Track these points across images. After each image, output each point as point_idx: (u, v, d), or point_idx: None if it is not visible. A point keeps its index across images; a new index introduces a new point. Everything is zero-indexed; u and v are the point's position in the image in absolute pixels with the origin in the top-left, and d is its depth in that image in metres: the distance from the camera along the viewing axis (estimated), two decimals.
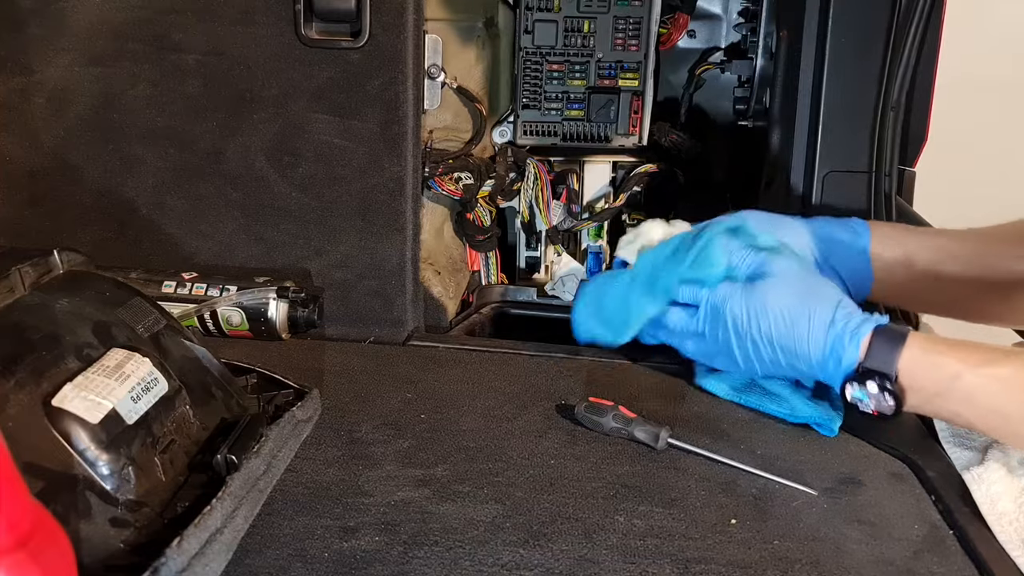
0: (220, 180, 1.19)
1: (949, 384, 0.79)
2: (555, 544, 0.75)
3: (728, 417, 0.97)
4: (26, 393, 0.68)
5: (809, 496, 0.84)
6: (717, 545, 0.76)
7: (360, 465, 0.85)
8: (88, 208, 1.20)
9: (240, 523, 0.72)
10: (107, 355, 0.75)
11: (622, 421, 0.91)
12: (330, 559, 0.72)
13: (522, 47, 1.32)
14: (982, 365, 0.78)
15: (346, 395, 0.98)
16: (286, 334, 1.10)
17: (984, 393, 0.78)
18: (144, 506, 0.70)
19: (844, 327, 0.83)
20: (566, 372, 1.06)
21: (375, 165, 1.17)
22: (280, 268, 1.17)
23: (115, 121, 1.19)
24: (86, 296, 0.81)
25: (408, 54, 1.15)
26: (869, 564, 0.75)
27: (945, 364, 0.79)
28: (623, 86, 1.34)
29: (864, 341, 0.82)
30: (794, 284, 0.86)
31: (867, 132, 1.19)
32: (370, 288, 1.18)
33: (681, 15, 1.41)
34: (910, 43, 1.15)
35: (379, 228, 1.17)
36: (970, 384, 0.78)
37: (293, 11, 1.14)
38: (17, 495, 0.50)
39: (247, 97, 1.17)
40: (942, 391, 0.80)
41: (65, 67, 1.18)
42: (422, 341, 1.15)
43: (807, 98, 1.20)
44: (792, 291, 0.86)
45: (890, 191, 1.20)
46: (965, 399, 0.79)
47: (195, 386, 0.81)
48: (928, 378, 0.80)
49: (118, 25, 1.17)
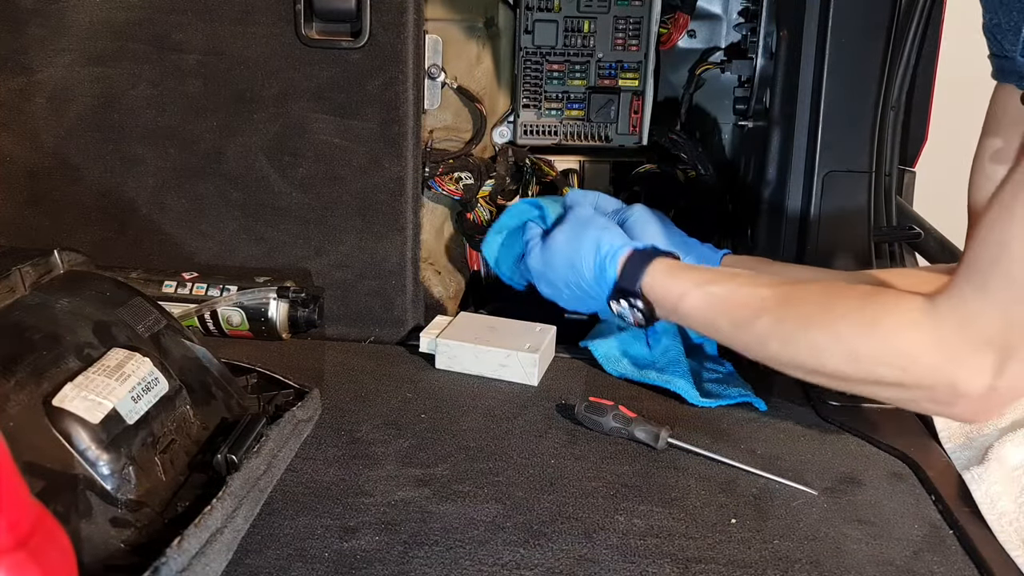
0: (220, 180, 1.19)
1: (678, 301, 0.90)
2: (555, 543, 0.75)
3: (728, 417, 0.97)
4: (26, 393, 0.69)
5: (809, 496, 0.84)
6: (717, 544, 0.76)
7: (360, 465, 0.85)
8: (88, 208, 1.20)
9: (240, 523, 0.72)
10: (107, 355, 0.75)
11: (622, 421, 0.91)
12: (330, 559, 0.72)
13: (522, 47, 1.32)
14: (705, 284, 0.89)
15: (346, 395, 0.98)
16: (286, 334, 1.10)
17: (701, 308, 0.89)
18: (144, 506, 0.70)
19: (608, 251, 0.95)
20: (566, 372, 1.06)
21: (375, 165, 1.17)
22: (280, 268, 1.17)
23: (115, 121, 1.19)
24: (86, 296, 0.81)
25: (408, 54, 1.15)
26: (869, 564, 0.75)
27: (676, 284, 0.90)
28: (623, 86, 1.34)
29: (620, 261, 0.94)
30: (575, 223, 1.00)
31: (867, 132, 1.19)
32: (370, 288, 1.18)
33: (681, 15, 1.41)
34: (910, 43, 1.15)
35: (379, 228, 1.17)
36: (693, 301, 0.89)
37: (293, 11, 1.14)
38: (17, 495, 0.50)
39: (247, 97, 1.17)
40: (675, 307, 0.91)
41: (65, 67, 1.18)
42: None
43: (807, 98, 1.20)
44: (572, 229, 0.99)
45: (890, 191, 1.20)
46: (688, 314, 0.90)
47: (195, 386, 0.81)
48: (664, 295, 0.91)
49: (118, 25, 1.17)
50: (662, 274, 0.92)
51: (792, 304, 0.84)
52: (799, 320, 0.82)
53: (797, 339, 0.82)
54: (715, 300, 0.88)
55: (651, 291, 0.92)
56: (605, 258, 0.95)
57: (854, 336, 0.78)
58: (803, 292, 0.84)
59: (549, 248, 1.00)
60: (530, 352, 1.01)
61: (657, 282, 0.92)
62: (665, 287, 0.91)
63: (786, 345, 0.83)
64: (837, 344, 0.79)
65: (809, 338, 0.81)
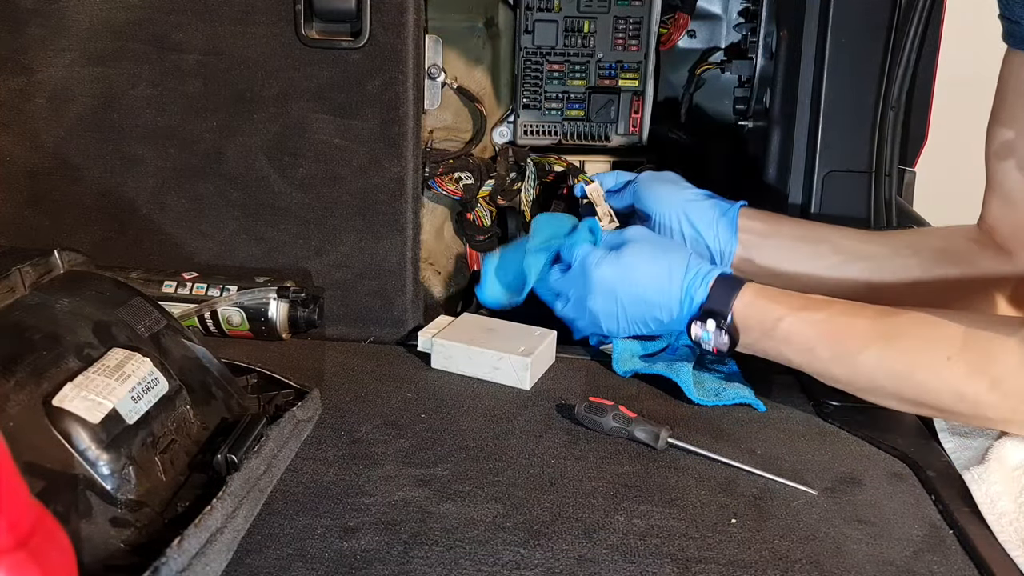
0: (220, 180, 1.19)
1: (773, 325, 0.90)
2: (555, 544, 0.75)
3: (728, 417, 0.97)
4: (26, 393, 0.68)
5: (809, 496, 0.84)
6: (717, 544, 0.76)
7: (360, 465, 0.85)
8: (88, 208, 1.20)
9: (240, 523, 0.72)
10: (107, 355, 0.75)
11: (622, 421, 0.91)
12: (330, 559, 0.72)
13: (522, 47, 1.32)
14: (801, 310, 0.89)
15: (346, 395, 0.98)
16: (286, 334, 1.10)
17: (799, 333, 0.89)
18: (144, 506, 0.70)
19: (696, 273, 0.94)
20: (566, 372, 1.06)
21: (375, 165, 1.17)
22: (280, 268, 1.17)
23: (115, 121, 1.19)
24: (86, 296, 0.81)
25: (408, 54, 1.15)
26: (869, 564, 0.75)
27: (771, 308, 0.90)
28: (623, 86, 1.34)
29: (710, 283, 0.93)
30: (651, 245, 0.98)
31: (867, 132, 1.19)
32: (370, 288, 1.18)
33: (681, 15, 1.41)
34: (910, 43, 1.15)
35: (379, 228, 1.17)
36: (790, 325, 0.89)
37: (293, 11, 1.14)
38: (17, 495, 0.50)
39: (247, 97, 1.17)
40: (768, 331, 0.90)
41: (65, 67, 1.18)
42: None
43: (807, 98, 1.20)
44: (651, 251, 0.97)
45: (890, 191, 1.20)
46: (784, 338, 0.90)
47: (195, 386, 0.81)
48: (756, 319, 0.91)
49: (118, 25, 1.17)
50: (755, 297, 0.91)
51: (895, 341, 0.86)
52: (904, 360, 0.85)
53: (903, 378, 0.85)
54: (814, 328, 0.89)
55: (742, 314, 0.91)
56: (695, 281, 0.94)
57: (962, 381, 0.82)
58: (904, 328, 0.86)
59: (625, 263, 0.96)
60: (523, 356, 1.01)
61: (750, 305, 0.91)
62: (760, 310, 0.91)
63: (891, 381, 0.86)
64: (946, 388, 0.83)
65: (916, 380, 0.84)
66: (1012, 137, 0.94)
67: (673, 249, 0.98)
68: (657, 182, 1.11)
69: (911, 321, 0.86)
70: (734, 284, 0.92)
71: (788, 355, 0.91)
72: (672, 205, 1.08)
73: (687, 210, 1.08)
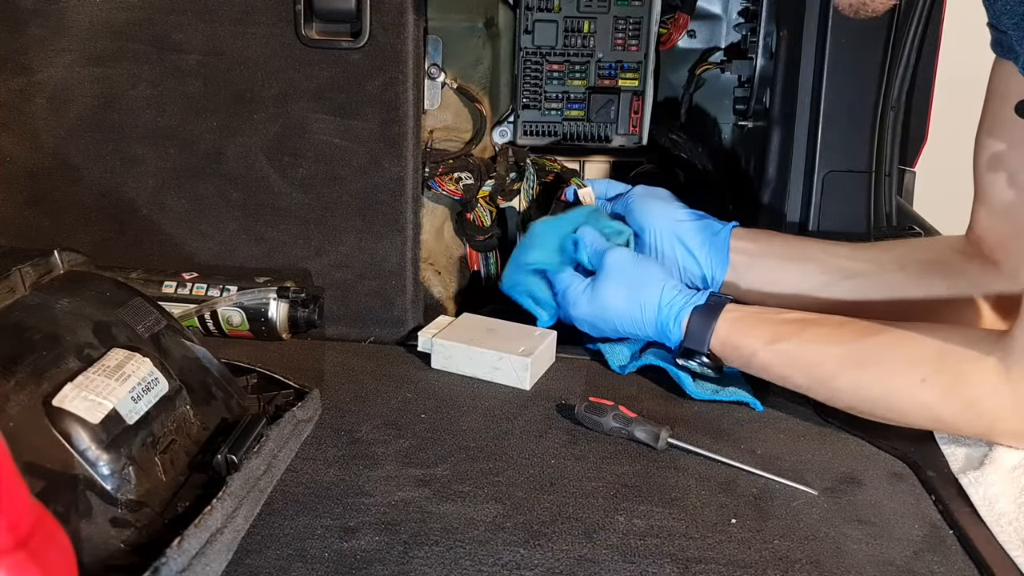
0: (220, 180, 1.19)
1: (749, 359, 0.94)
2: (555, 544, 0.75)
3: (728, 417, 0.97)
4: (26, 393, 0.69)
5: (809, 496, 0.84)
6: (717, 545, 0.76)
7: (360, 465, 0.85)
8: (88, 208, 1.20)
9: (240, 523, 0.72)
10: (107, 355, 0.75)
11: (622, 421, 0.91)
12: (330, 559, 0.72)
13: (522, 47, 1.32)
14: (772, 342, 0.92)
15: (346, 395, 0.98)
16: (286, 334, 1.10)
17: (774, 365, 0.93)
18: (144, 506, 0.70)
19: (668, 312, 0.98)
20: (566, 372, 1.06)
21: (375, 165, 1.17)
22: (280, 268, 1.17)
23: (115, 121, 1.19)
24: (86, 296, 0.81)
25: (408, 54, 1.15)
26: (869, 564, 0.75)
27: (744, 344, 0.94)
28: (623, 86, 1.34)
29: (684, 323, 0.96)
30: (625, 276, 1.00)
31: (867, 132, 1.19)
32: (370, 288, 1.18)
33: (681, 15, 1.41)
34: (910, 43, 1.15)
35: (379, 228, 1.17)
36: (763, 359, 0.93)
37: (293, 11, 1.14)
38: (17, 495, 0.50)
39: (247, 97, 1.17)
40: (745, 363, 0.96)
41: (65, 67, 1.18)
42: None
43: (807, 98, 1.20)
44: (623, 284, 1.00)
45: (890, 191, 1.20)
46: (762, 370, 0.95)
47: (195, 386, 0.81)
48: (733, 355, 0.95)
49: (118, 25, 1.17)
50: (728, 332, 0.94)
51: (867, 368, 0.88)
52: (877, 386, 0.88)
53: (877, 402, 0.88)
54: (787, 358, 0.92)
55: (719, 350, 0.95)
56: (667, 320, 0.97)
57: (936, 403, 0.85)
58: (875, 351, 0.88)
59: (599, 303, 1.01)
60: (523, 356, 1.01)
61: (724, 342, 0.95)
62: (735, 346, 0.94)
63: (868, 404, 0.89)
64: (920, 410, 0.86)
65: (890, 402, 0.87)
66: (1000, 148, 0.94)
67: (647, 282, 0.99)
68: (649, 200, 1.11)
69: (884, 344, 0.88)
70: (708, 318, 0.95)
71: (769, 380, 0.96)
72: (664, 226, 1.09)
73: (679, 232, 1.08)
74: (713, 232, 1.08)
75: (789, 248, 1.08)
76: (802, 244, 1.09)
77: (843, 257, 1.05)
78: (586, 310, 1.02)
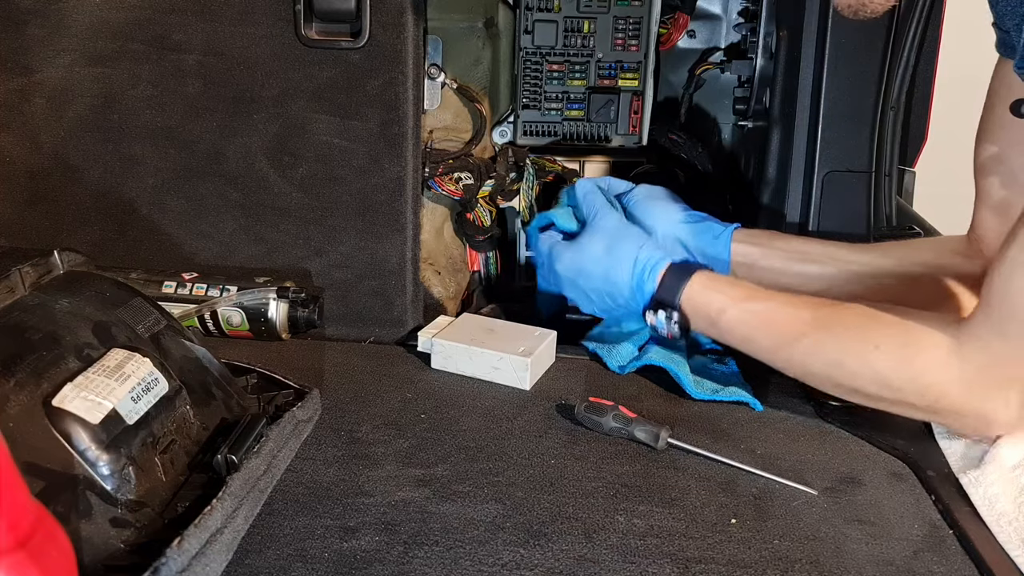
0: (220, 180, 1.19)
1: (717, 316, 0.94)
2: (555, 544, 0.75)
3: (728, 417, 0.97)
4: (26, 393, 0.69)
5: (809, 496, 0.84)
6: (717, 544, 0.76)
7: (360, 465, 0.85)
8: (88, 208, 1.20)
9: (240, 523, 0.72)
10: (107, 355, 0.75)
11: (622, 421, 0.91)
12: (330, 559, 0.72)
13: (522, 47, 1.32)
14: (743, 301, 0.93)
15: (346, 395, 0.98)
16: (286, 334, 1.10)
17: (740, 324, 0.93)
18: (144, 506, 0.70)
19: (645, 264, 0.98)
20: (566, 372, 1.06)
21: (375, 165, 1.17)
22: (280, 268, 1.17)
23: (115, 121, 1.19)
24: (86, 296, 0.81)
25: (408, 54, 1.15)
26: (869, 564, 0.75)
27: (715, 300, 0.94)
28: (623, 86, 1.34)
29: (659, 275, 0.97)
30: (608, 233, 1.02)
31: (867, 132, 1.19)
32: (370, 288, 1.18)
33: (681, 15, 1.41)
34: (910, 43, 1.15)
35: (379, 228, 1.17)
36: (732, 317, 0.93)
37: (293, 11, 1.14)
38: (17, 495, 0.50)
39: (247, 97, 1.17)
40: (713, 321, 0.94)
41: (65, 67, 1.18)
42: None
43: (807, 98, 1.20)
44: (605, 239, 1.01)
45: (890, 191, 1.20)
46: (728, 329, 0.94)
47: (195, 386, 0.81)
48: (703, 310, 0.95)
49: (118, 25, 1.17)
50: (701, 288, 0.95)
51: (830, 329, 0.88)
52: (837, 346, 0.88)
53: (834, 364, 0.88)
54: (754, 318, 0.92)
55: (690, 304, 0.95)
56: (643, 271, 0.97)
57: (887, 368, 0.85)
58: (841, 317, 0.89)
59: (581, 256, 1.02)
60: (522, 356, 1.01)
61: (697, 296, 0.95)
62: (706, 301, 0.94)
63: (824, 368, 0.89)
64: (872, 374, 0.86)
65: (846, 365, 0.87)
66: (1001, 148, 0.94)
67: (627, 238, 1.00)
68: (651, 202, 1.11)
69: (850, 312, 0.88)
70: (683, 274, 0.96)
71: (732, 343, 0.95)
72: (665, 229, 1.09)
73: (679, 235, 1.08)
74: (714, 235, 1.08)
75: (790, 250, 1.08)
76: (803, 246, 1.09)
77: (844, 259, 1.05)
78: (567, 264, 1.03)
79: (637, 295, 0.98)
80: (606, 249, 1.01)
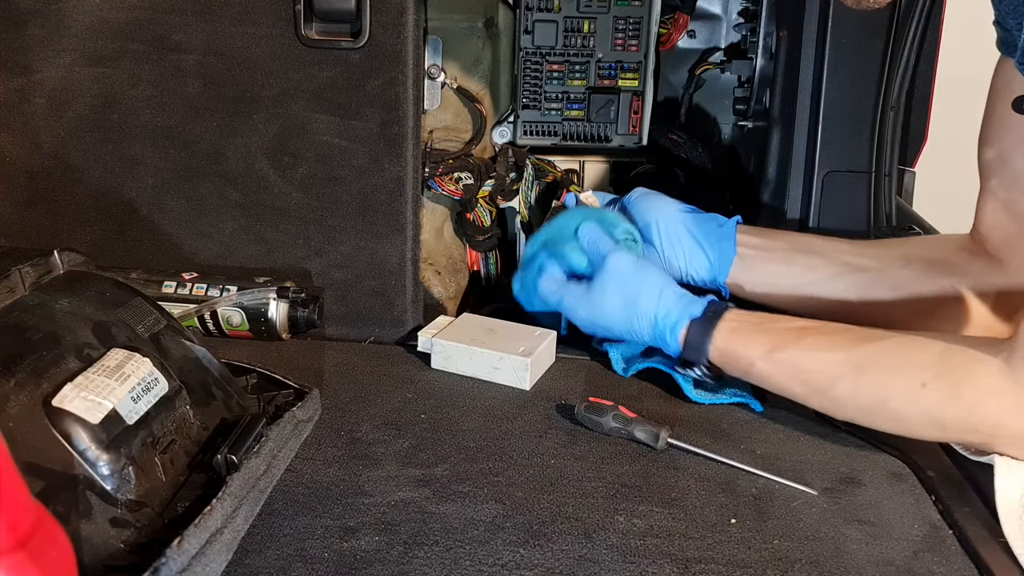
0: (220, 180, 1.19)
1: (748, 370, 0.93)
2: (555, 544, 0.75)
3: (728, 417, 0.97)
4: (26, 393, 0.69)
5: (809, 496, 0.84)
6: (717, 545, 0.76)
7: (360, 465, 0.85)
8: (88, 208, 1.20)
9: (240, 523, 0.72)
10: (107, 355, 0.75)
11: (622, 421, 0.91)
12: (330, 559, 0.72)
13: (522, 47, 1.32)
14: (770, 352, 0.91)
15: (346, 395, 0.98)
16: (286, 334, 1.10)
17: (771, 375, 0.92)
18: (144, 506, 0.70)
19: (664, 323, 0.96)
20: (566, 372, 1.06)
21: (375, 165, 1.17)
22: (280, 268, 1.17)
23: (115, 121, 1.19)
24: (86, 296, 0.81)
25: (408, 54, 1.15)
26: (869, 564, 0.75)
27: (742, 355, 0.92)
28: (623, 86, 1.34)
29: (681, 335, 0.95)
30: (622, 284, 0.98)
31: (867, 132, 1.19)
32: (370, 288, 1.18)
33: (681, 15, 1.41)
34: (910, 43, 1.15)
35: (379, 228, 1.17)
36: (761, 370, 0.92)
37: (293, 11, 1.14)
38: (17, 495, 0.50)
39: (247, 97, 1.17)
40: (744, 373, 0.94)
41: (65, 67, 1.18)
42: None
43: (807, 98, 1.20)
44: (620, 292, 0.98)
45: (890, 191, 1.20)
46: (761, 380, 0.93)
47: (195, 386, 0.81)
48: (732, 364, 0.94)
49: (118, 25, 1.17)
50: (726, 342, 0.93)
51: (865, 371, 0.86)
52: (877, 389, 0.85)
53: (877, 405, 0.86)
54: (786, 368, 0.90)
55: (719, 359, 0.94)
56: (664, 332, 0.96)
57: (937, 408, 0.82)
58: (875, 355, 0.86)
59: (597, 312, 0.99)
60: (523, 356, 1.01)
61: (723, 350, 0.93)
62: (733, 356, 0.93)
63: (867, 413, 0.87)
64: (921, 415, 0.83)
65: (891, 408, 0.85)
66: (1005, 145, 0.94)
67: (644, 290, 0.97)
68: (652, 196, 1.11)
69: (884, 349, 0.86)
70: (705, 329, 0.93)
71: (769, 389, 0.94)
72: (670, 217, 1.08)
73: (685, 222, 1.08)
74: (719, 224, 1.08)
75: (794, 243, 1.08)
76: (806, 240, 1.09)
77: (847, 253, 1.05)
78: (584, 315, 1.01)
79: (661, 347, 0.98)
80: (623, 305, 0.97)
